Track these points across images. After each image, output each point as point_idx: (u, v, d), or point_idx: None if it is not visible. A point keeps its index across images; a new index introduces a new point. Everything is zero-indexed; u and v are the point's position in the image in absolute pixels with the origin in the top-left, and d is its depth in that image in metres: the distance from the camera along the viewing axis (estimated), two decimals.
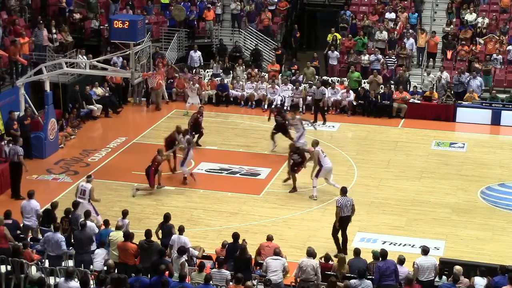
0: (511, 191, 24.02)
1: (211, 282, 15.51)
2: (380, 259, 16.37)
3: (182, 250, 16.63)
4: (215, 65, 33.84)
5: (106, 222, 18.33)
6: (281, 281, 16.40)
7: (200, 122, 26.91)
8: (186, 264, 16.50)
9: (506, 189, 24.16)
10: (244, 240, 17.75)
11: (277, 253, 16.71)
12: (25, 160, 23.45)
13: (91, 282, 15.75)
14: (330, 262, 17.11)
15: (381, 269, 16.13)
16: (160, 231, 18.45)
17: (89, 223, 17.88)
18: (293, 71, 33.22)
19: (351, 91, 31.11)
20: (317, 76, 32.45)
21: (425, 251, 16.77)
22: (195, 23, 36.28)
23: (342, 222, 19.45)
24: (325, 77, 32.51)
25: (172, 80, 32.49)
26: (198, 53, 34.55)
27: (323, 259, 17.18)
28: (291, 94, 31.44)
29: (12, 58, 27.67)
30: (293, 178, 23.73)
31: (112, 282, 14.75)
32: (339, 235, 19.57)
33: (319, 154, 22.95)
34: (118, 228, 17.74)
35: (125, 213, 18.94)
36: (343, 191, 19.72)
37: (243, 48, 35.55)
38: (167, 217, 18.58)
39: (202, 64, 34.52)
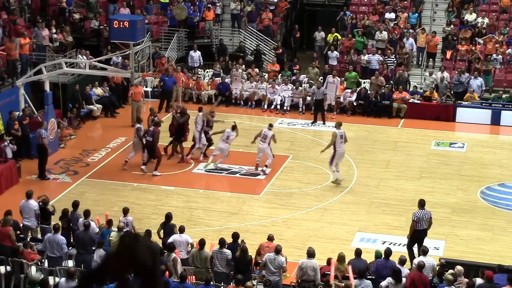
0: (511, 191, 24.02)
1: (211, 282, 15.54)
2: (383, 257, 16.37)
3: (172, 246, 16.67)
4: (218, 65, 33.77)
5: (110, 222, 18.31)
6: (279, 279, 16.43)
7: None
8: (179, 259, 16.53)
9: (506, 189, 24.15)
10: (242, 240, 17.73)
11: (278, 250, 16.59)
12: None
13: None
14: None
15: (378, 267, 16.13)
16: (162, 230, 18.47)
17: (91, 223, 17.89)
18: (294, 71, 33.21)
19: (354, 93, 31.14)
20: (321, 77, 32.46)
21: (424, 251, 16.78)
22: (195, 23, 36.31)
23: (417, 236, 18.59)
24: None
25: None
26: (198, 53, 34.53)
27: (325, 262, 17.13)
28: (291, 94, 31.43)
29: (10, 56, 27.61)
30: (180, 149, 25.39)
31: None
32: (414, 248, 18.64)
33: (337, 137, 23.14)
34: (119, 229, 17.69)
35: (126, 211, 18.92)
36: (421, 203, 18.83)
37: (247, 49, 35.58)
38: (168, 216, 18.59)
39: (202, 64, 34.52)
